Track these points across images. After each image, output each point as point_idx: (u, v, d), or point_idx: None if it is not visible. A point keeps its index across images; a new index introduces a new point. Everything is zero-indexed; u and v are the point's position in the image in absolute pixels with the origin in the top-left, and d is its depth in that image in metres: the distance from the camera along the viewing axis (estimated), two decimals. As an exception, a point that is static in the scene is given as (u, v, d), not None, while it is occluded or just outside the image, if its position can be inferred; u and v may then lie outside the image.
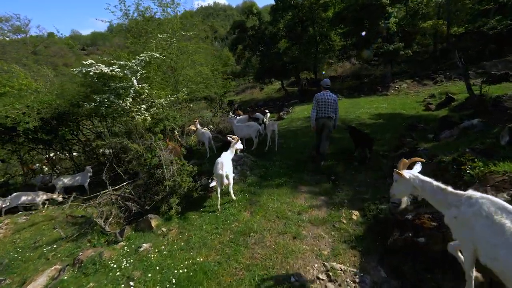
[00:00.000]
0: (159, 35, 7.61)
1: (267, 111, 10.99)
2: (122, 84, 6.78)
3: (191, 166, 5.37)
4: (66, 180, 8.90)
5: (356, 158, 6.48)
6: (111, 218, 4.82)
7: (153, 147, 5.11)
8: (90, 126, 9.58)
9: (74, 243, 4.68)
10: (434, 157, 4.58)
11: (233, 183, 5.71)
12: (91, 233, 4.69)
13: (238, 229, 3.99)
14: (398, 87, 16.96)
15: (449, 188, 2.31)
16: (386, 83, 17.76)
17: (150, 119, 7.00)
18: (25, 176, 11.53)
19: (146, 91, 7.06)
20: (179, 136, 9.08)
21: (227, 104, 26.46)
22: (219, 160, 5.15)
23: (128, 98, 6.59)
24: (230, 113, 11.24)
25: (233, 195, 5.08)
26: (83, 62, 6.30)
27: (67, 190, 8.64)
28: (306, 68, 21.31)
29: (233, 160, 6.84)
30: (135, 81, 6.62)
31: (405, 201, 3.08)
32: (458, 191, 2.28)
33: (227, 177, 5.08)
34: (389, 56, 17.29)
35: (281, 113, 12.68)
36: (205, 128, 8.90)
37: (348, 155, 6.83)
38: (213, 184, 5.77)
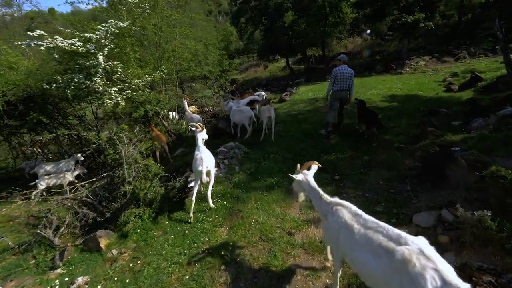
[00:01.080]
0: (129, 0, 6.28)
1: (261, 93, 9.65)
2: (90, 62, 5.62)
3: (158, 166, 4.31)
4: (49, 168, 8.05)
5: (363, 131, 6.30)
6: (63, 228, 3.90)
7: (112, 140, 4.05)
8: (70, 109, 8.56)
9: (21, 257, 3.83)
10: (479, 164, 3.35)
11: (218, 182, 4.71)
12: (37, 246, 3.80)
13: (208, 257, 2.99)
14: (414, 65, 15.18)
15: (325, 196, 2.43)
16: (401, 60, 15.94)
17: (123, 104, 5.91)
18: (14, 159, 10.83)
19: (119, 69, 5.89)
20: (165, 121, 8.01)
21: (230, 83, 25.12)
22: (198, 153, 4.17)
23: (95, 79, 5.46)
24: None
25: (210, 201, 4.08)
26: (29, 33, 5.13)
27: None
28: (314, 44, 19.43)
29: (220, 152, 5.81)
30: (101, 57, 5.45)
31: (301, 196, 2.87)
32: (331, 199, 2.34)
33: (208, 174, 4.10)
34: (407, 29, 15.31)
35: (283, 95, 11.38)
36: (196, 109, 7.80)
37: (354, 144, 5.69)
38: (191, 184, 4.77)
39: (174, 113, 9.60)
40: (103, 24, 5.46)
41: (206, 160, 4.22)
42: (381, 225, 1.87)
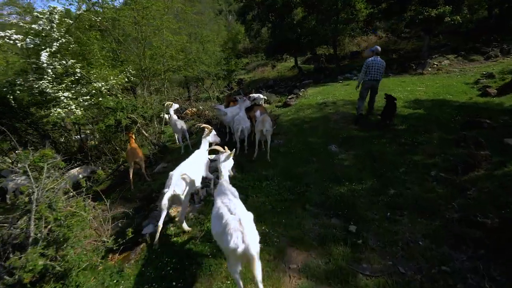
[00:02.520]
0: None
1: (259, 96, 8.13)
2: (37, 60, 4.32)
3: (87, 220, 2.86)
4: (21, 180, 6.90)
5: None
6: None
7: (25, 172, 2.71)
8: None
9: None
10: None
11: (188, 227, 3.37)
12: None
13: None
14: (437, 64, 13.31)
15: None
16: (421, 60, 14.07)
17: (80, 113, 4.59)
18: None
19: (78, 70, 4.58)
20: (146, 130, 6.67)
21: (237, 83, 23.69)
22: (173, 172, 3.34)
23: (41, 82, 4.17)
24: (238, 97, 8.66)
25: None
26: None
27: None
28: (324, 42, 17.67)
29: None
30: (44, 54, 4.16)
31: None
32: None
33: (175, 200, 3.14)
34: (429, 24, 13.45)
35: (288, 98, 9.87)
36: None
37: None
38: (147, 230, 3.42)
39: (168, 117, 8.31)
40: (39, 10, 4.17)
41: (176, 179, 3.02)
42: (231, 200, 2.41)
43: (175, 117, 6.47)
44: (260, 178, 4.40)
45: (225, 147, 3.11)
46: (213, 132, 4.40)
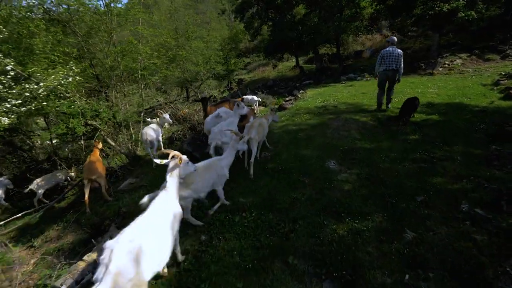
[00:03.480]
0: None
1: (253, 98, 7.10)
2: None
3: None
4: None
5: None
6: None
7: None
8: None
9: None
10: None
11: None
12: None
13: None
14: (448, 64, 12.06)
15: None
16: (431, 59, 12.85)
17: (7, 121, 3.59)
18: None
19: (9, 67, 3.59)
20: (115, 138, 5.65)
21: (237, 83, 22.60)
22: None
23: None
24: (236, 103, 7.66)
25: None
26: None
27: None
28: (326, 40, 16.49)
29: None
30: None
31: None
32: None
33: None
34: (440, 21, 12.21)
35: (284, 100, 8.76)
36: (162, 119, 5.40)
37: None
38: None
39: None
40: None
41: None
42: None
43: (153, 127, 5.44)
44: (234, 209, 3.34)
45: (177, 154, 2.51)
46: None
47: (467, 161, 4.07)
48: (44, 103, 3.97)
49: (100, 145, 4.63)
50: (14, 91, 3.57)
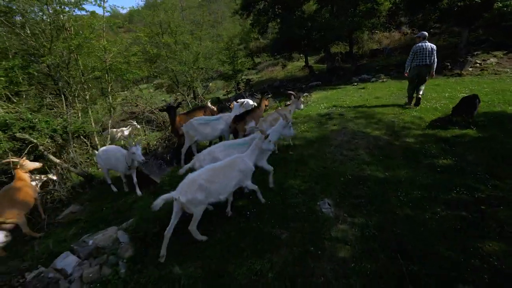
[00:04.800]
0: None
1: (248, 101, 5.86)
2: None
3: None
4: None
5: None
6: None
7: None
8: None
9: None
10: None
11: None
12: None
13: None
14: (480, 63, 10.20)
15: None
16: (459, 57, 10.99)
17: None
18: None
19: None
20: (58, 156, 4.53)
21: (245, 83, 21.34)
22: None
23: None
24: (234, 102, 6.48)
25: None
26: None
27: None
28: (338, 37, 14.80)
29: None
30: None
31: None
32: None
33: None
34: (472, 13, 10.36)
35: (285, 105, 7.45)
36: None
37: None
38: None
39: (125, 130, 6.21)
40: None
41: None
42: None
43: (110, 130, 4.30)
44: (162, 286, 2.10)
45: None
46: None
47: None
48: None
49: (28, 166, 3.55)
50: None
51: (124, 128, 6.25)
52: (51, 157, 4.18)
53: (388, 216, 2.71)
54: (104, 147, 4.41)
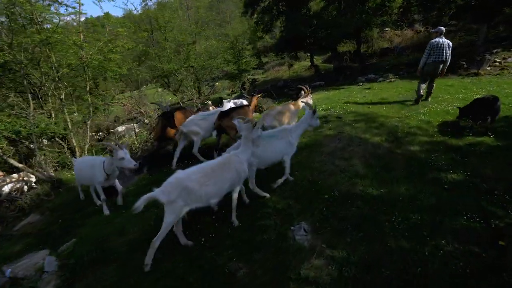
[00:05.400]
0: None
1: (242, 102, 5.52)
2: None
3: None
4: None
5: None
6: None
7: None
8: None
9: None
10: None
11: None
12: None
13: None
14: (500, 62, 9.28)
15: None
16: (476, 56, 10.06)
17: None
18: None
19: None
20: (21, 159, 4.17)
21: (251, 83, 20.83)
22: None
23: None
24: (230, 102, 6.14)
25: None
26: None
27: None
28: (345, 35, 14.03)
29: None
30: None
31: None
32: None
33: None
34: (490, 8, 9.47)
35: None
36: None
37: None
38: None
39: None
40: None
41: None
42: None
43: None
44: None
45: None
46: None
47: None
48: None
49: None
50: None
51: (119, 128, 5.92)
52: (12, 161, 3.82)
53: (377, 248, 2.14)
54: (79, 158, 3.99)
